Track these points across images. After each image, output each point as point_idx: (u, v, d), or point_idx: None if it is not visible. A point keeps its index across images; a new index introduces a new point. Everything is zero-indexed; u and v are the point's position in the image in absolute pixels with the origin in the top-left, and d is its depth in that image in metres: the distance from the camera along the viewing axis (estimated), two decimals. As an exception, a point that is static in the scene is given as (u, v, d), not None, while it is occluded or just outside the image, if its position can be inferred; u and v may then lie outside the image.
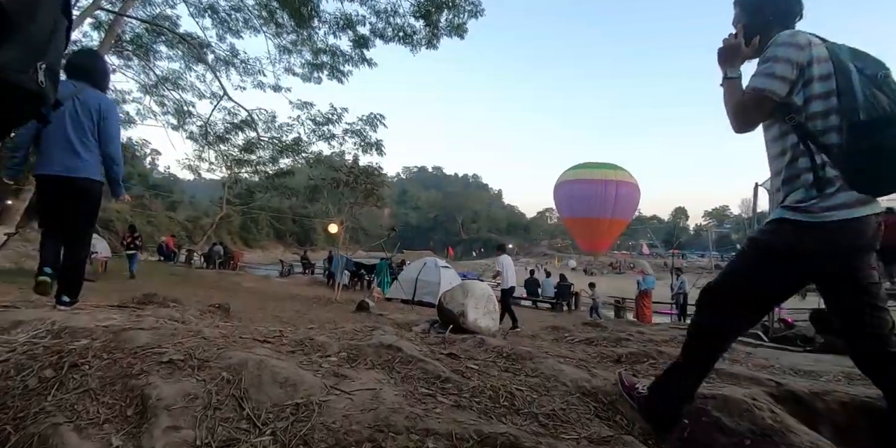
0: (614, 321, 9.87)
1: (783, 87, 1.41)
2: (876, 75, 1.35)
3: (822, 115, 1.40)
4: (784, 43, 1.44)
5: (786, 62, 1.41)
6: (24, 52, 0.76)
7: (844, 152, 1.34)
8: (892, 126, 1.28)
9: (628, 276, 56.37)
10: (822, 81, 1.40)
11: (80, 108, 2.66)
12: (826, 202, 1.37)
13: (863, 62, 1.38)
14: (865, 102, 1.31)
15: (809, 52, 1.42)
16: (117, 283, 9.53)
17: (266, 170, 19.05)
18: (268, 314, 5.96)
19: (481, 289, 5.97)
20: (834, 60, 1.40)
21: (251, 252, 60.27)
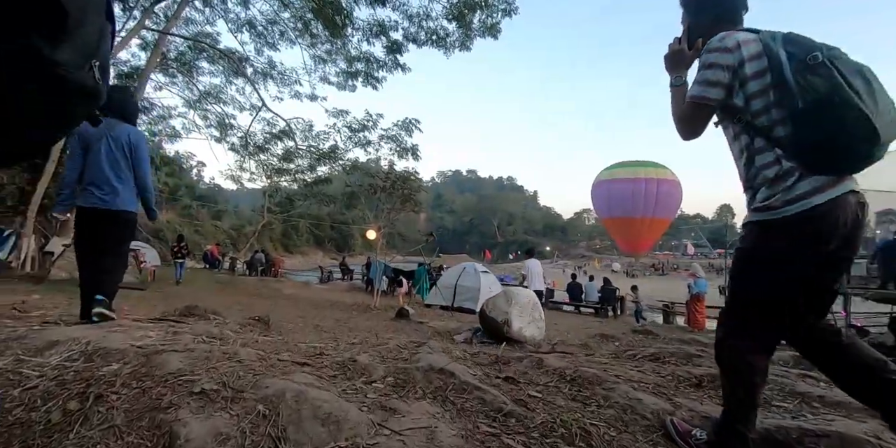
0: (664, 328, 9.36)
1: (719, 92, 1.43)
2: (806, 58, 1.31)
3: (764, 110, 1.40)
4: (714, 49, 1.45)
5: (717, 68, 1.42)
6: (81, 50, 0.79)
7: (794, 142, 1.34)
8: (830, 107, 1.26)
9: (671, 277, 54.55)
10: (757, 79, 1.40)
11: (114, 144, 2.88)
12: (788, 195, 1.35)
13: (796, 47, 1.36)
14: (798, 89, 1.30)
15: (740, 52, 1.41)
16: (165, 290, 9.77)
17: (304, 178, 19.43)
18: (308, 323, 5.89)
19: (526, 296, 5.69)
20: (767, 54, 1.39)
21: (292, 258, 61.66)
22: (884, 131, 1.25)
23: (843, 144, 1.28)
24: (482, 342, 5.67)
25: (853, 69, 1.30)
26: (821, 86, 1.27)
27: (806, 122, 1.30)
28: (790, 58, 1.34)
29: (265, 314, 3.86)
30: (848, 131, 1.26)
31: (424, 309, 10.23)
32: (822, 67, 1.28)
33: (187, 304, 4.20)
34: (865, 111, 1.23)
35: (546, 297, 13.26)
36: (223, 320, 3.59)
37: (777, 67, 1.35)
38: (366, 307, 9.72)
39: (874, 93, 1.28)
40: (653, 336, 6.84)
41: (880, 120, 1.25)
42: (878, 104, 1.27)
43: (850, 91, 1.24)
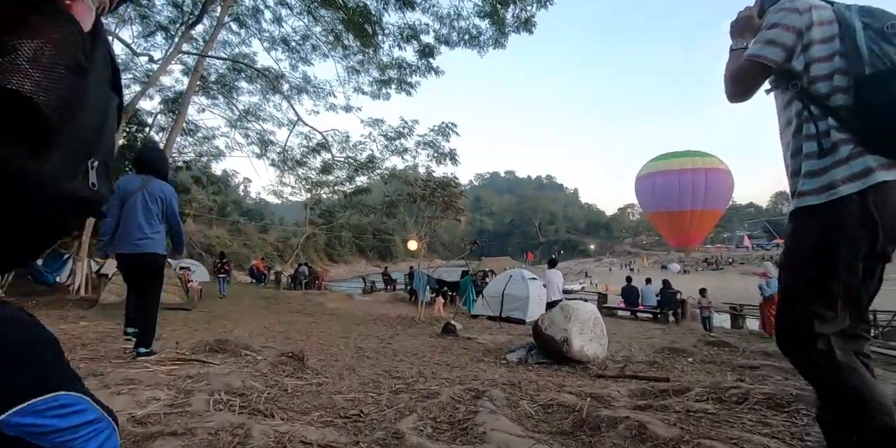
0: (737, 335, 8.50)
1: (779, 53, 1.34)
2: (883, 27, 1.26)
3: (826, 77, 1.31)
4: (782, 8, 1.37)
5: (783, 28, 1.34)
6: (72, 155, 0.67)
7: (854, 112, 1.24)
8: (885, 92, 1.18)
9: (727, 272, 51.61)
10: (825, 44, 1.32)
11: (149, 198, 3.33)
12: (840, 171, 1.24)
13: (871, 17, 1.29)
14: (871, 56, 1.23)
15: (809, 15, 1.33)
16: (210, 308, 9.77)
17: (343, 189, 19.49)
18: (350, 345, 5.55)
19: (587, 311, 5.14)
20: (840, 21, 1.32)
21: (336, 267, 62.84)
22: None
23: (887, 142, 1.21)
24: (539, 363, 5.16)
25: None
26: (894, 55, 1.20)
27: (872, 91, 1.21)
28: (865, 27, 1.27)
29: (299, 349, 3.50)
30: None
31: (471, 321, 9.77)
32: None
33: (218, 338, 3.91)
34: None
35: (599, 303, 12.54)
36: (255, 357, 3.27)
37: (850, 34, 1.28)
38: (410, 320, 9.37)
39: None
40: (730, 348, 6.11)
41: None
42: None
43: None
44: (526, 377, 3.93)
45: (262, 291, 15.35)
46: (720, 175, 61.42)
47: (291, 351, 3.31)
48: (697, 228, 62.21)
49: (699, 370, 4.86)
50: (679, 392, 2.79)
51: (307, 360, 3.32)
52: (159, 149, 3.93)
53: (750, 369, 4.76)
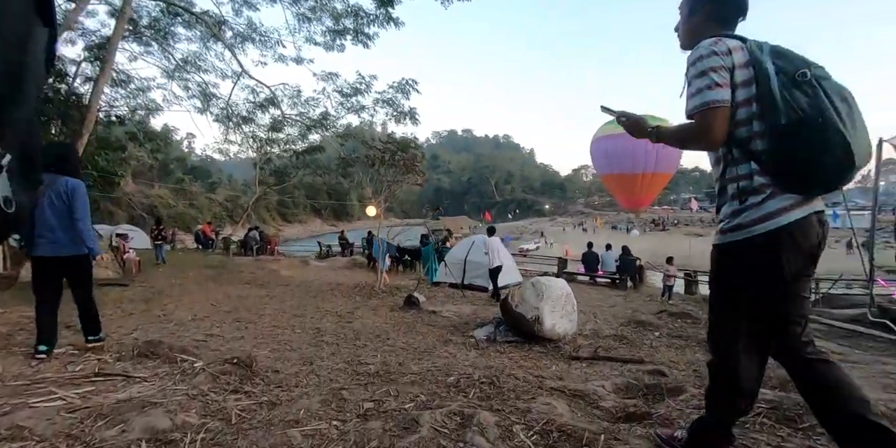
0: (694, 302, 8.70)
1: (727, 92, 1.36)
2: (795, 74, 1.31)
3: (746, 121, 1.38)
4: (709, 53, 1.38)
5: (720, 70, 1.36)
6: None
7: (771, 157, 1.33)
8: (813, 127, 1.25)
9: (672, 233, 54.04)
10: (744, 88, 1.37)
11: (55, 197, 3.19)
12: (758, 212, 1.35)
13: (783, 61, 1.34)
14: (784, 104, 1.29)
15: (731, 58, 1.37)
16: (150, 282, 9.02)
17: (294, 148, 18.31)
18: (307, 328, 5.14)
19: (559, 288, 4.90)
20: (754, 64, 1.36)
21: (290, 227, 61.07)
22: (859, 156, 1.27)
23: (820, 165, 1.28)
24: (508, 341, 4.96)
25: (837, 91, 1.30)
26: (806, 104, 1.26)
27: (787, 139, 1.29)
28: (778, 71, 1.31)
29: (247, 354, 3.00)
30: (827, 153, 1.26)
31: (433, 289, 9.51)
32: (809, 86, 1.27)
33: (148, 340, 3.39)
34: (846, 135, 1.23)
35: (559, 267, 12.59)
36: (193, 364, 2.79)
37: (764, 79, 1.33)
38: (370, 289, 9.00)
39: (854, 117, 1.28)
40: (692, 320, 6.16)
41: (857, 145, 1.25)
42: (857, 129, 1.27)
43: (833, 113, 1.24)
44: (500, 364, 3.69)
45: (209, 259, 14.44)
46: (671, 138, 63.12)
47: (237, 356, 2.85)
48: (647, 191, 63.85)
49: (668, 346, 4.81)
50: (673, 392, 2.58)
51: (256, 364, 2.87)
52: (66, 144, 3.86)
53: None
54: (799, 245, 1.34)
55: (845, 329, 5.47)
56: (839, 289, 10.83)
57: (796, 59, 1.35)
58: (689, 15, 1.58)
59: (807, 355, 1.42)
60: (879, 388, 2.82)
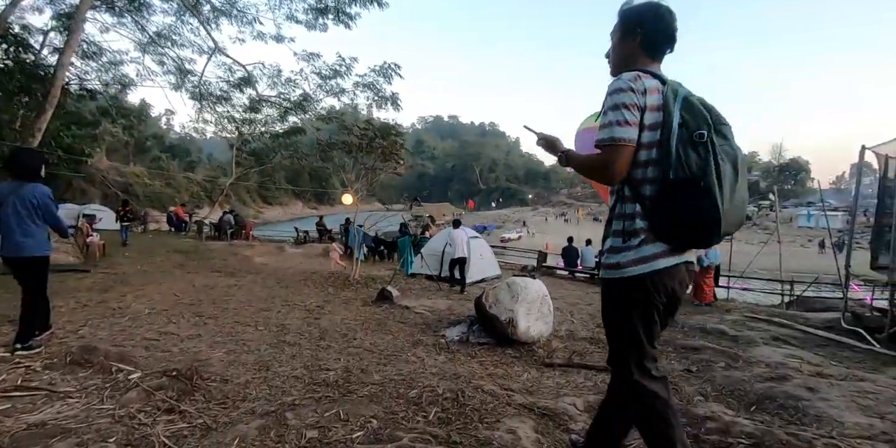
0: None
1: (634, 132, 1.37)
2: (694, 133, 1.33)
3: (643, 164, 1.40)
4: (627, 89, 1.37)
5: (632, 108, 1.36)
6: None
7: (652, 205, 1.38)
8: (693, 190, 1.30)
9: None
10: (650, 131, 1.38)
11: (20, 204, 3.39)
12: (635, 255, 1.40)
13: (691, 115, 1.35)
14: (676, 161, 1.32)
15: (645, 99, 1.37)
16: (114, 268, 8.64)
17: (272, 130, 17.77)
18: (271, 324, 4.89)
19: (535, 290, 4.73)
20: (664, 111, 1.37)
21: (271, 209, 60.03)
22: (726, 225, 1.33)
23: (688, 226, 1.34)
24: (480, 343, 4.80)
25: (731, 157, 1.35)
26: (695, 166, 1.29)
27: (669, 193, 1.33)
28: (681, 124, 1.33)
29: (188, 366, 2.72)
30: (697, 218, 1.32)
31: (408, 281, 9.29)
32: (703, 148, 1.30)
33: (84, 344, 3.11)
34: (718, 204, 1.28)
35: (539, 261, 12.47)
36: (127, 377, 2.54)
37: (667, 129, 1.34)
38: (344, 280, 8.76)
39: (737, 185, 1.35)
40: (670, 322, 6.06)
41: (729, 214, 1.31)
42: (735, 198, 1.34)
43: (715, 180, 1.28)
44: (469, 372, 3.51)
45: (180, 243, 13.95)
46: (655, 132, 63.27)
47: (178, 369, 2.60)
48: (629, 183, 64.85)
49: (644, 351, 4.70)
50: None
51: (197, 377, 2.62)
52: (31, 150, 4.06)
53: (693, 351, 4.66)
54: (668, 288, 1.43)
55: (820, 336, 5.43)
56: (812, 290, 10.97)
57: (700, 117, 1.35)
58: (620, 42, 1.58)
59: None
60: (858, 411, 2.72)
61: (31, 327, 3.37)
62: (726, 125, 1.41)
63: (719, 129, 1.37)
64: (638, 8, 1.55)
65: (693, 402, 3.19)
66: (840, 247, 22.58)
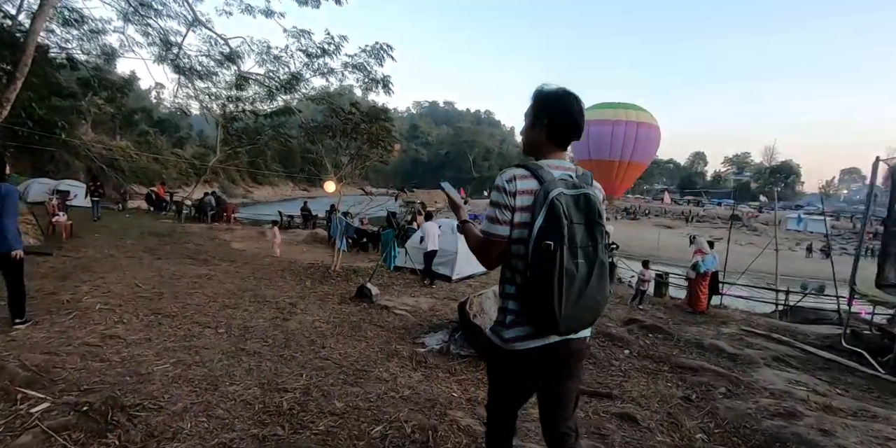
0: (664, 309, 8.34)
1: (505, 229, 1.47)
2: (543, 242, 1.40)
3: (515, 256, 1.48)
4: (501, 189, 1.48)
5: (502, 207, 1.47)
6: None
7: (519, 293, 1.48)
8: (536, 289, 1.39)
9: (642, 222, 54.51)
10: (520, 228, 1.46)
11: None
12: (508, 333, 1.49)
13: (549, 222, 1.40)
14: (532, 262, 1.40)
15: (515, 200, 1.46)
16: (78, 252, 8.13)
17: (261, 108, 17.03)
18: (234, 327, 4.46)
19: None
20: (532, 212, 1.43)
21: (261, 189, 58.90)
22: (569, 323, 1.41)
23: (535, 317, 1.43)
24: (462, 355, 4.42)
25: (589, 260, 1.43)
26: (541, 271, 1.37)
27: (524, 288, 1.44)
28: (540, 229, 1.39)
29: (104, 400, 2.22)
30: (540, 314, 1.40)
31: (391, 275, 8.86)
32: (550, 256, 1.36)
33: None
34: (555, 308, 1.36)
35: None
36: (29, 411, 2.10)
37: (529, 232, 1.42)
38: (324, 271, 8.32)
39: (587, 289, 1.41)
40: (664, 336, 5.74)
41: (571, 314, 1.38)
42: (583, 300, 1.41)
43: (556, 287, 1.35)
44: (445, 398, 3.13)
45: (157, 224, 13.36)
46: (650, 130, 62.72)
47: (90, 403, 2.16)
48: (623, 179, 64.35)
49: (639, 370, 4.36)
50: None
51: (117, 412, 2.19)
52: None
53: (691, 372, 4.33)
54: (542, 363, 1.51)
55: (821, 357, 5.14)
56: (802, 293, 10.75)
57: (556, 225, 1.38)
58: (529, 127, 1.62)
59: None
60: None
61: (17, 306, 3.92)
62: (599, 224, 1.47)
63: (592, 229, 1.45)
64: (547, 96, 1.58)
65: (695, 440, 2.84)
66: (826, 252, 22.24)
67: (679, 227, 51.11)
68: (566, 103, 1.55)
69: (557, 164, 1.54)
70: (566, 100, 1.55)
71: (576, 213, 1.43)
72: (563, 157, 1.61)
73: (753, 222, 52.78)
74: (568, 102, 1.55)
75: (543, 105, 1.57)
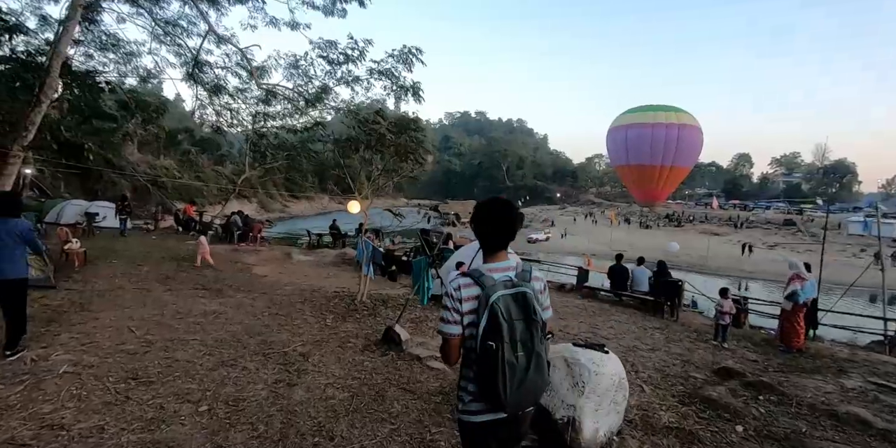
0: (754, 348, 6.92)
1: (456, 328, 1.67)
2: (486, 342, 1.60)
3: (469, 348, 1.70)
4: (450, 295, 1.69)
5: (451, 311, 1.67)
6: None
7: (474, 377, 1.67)
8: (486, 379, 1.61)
9: (686, 230, 51.41)
10: (468, 328, 1.67)
11: (6, 235, 4.00)
12: (468, 407, 1.72)
13: (491, 325, 1.59)
14: (479, 357, 1.63)
15: (462, 305, 1.65)
16: (87, 280, 7.51)
17: (292, 123, 16.50)
18: (220, 402, 3.45)
19: (611, 374, 3.07)
20: (477, 313, 1.63)
21: (298, 204, 59.33)
22: (510, 407, 1.63)
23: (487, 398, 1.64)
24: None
25: (527, 352, 1.62)
26: (488, 363, 1.58)
27: (477, 375, 1.64)
28: (484, 330, 1.59)
29: None
30: (491, 396, 1.62)
31: (423, 308, 7.74)
32: (493, 352, 1.57)
33: None
34: (500, 393, 1.58)
35: (579, 280, 10.75)
36: None
37: (477, 329, 1.62)
38: (349, 304, 7.33)
39: (527, 376, 1.62)
40: (777, 398, 4.40)
41: (515, 396, 1.60)
42: (525, 385, 1.62)
43: (500, 377, 1.57)
44: None
45: (181, 247, 12.75)
46: (692, 132, 60.08)
47: None
48: (665, 184, 61.69)
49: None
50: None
51: None
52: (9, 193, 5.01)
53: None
54: (496, 435, 1.73)
55: None
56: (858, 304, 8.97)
57: (495, 327, 1.58)
58: (475, 232, 1.81)
59: None
60: None
61: (16, 335, 4.11)
62: (535, 321, 1.64)
63: (529, 325, 1.63)
64: (476, 208, 1.81)
65: None
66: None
67: (727, 233, 48.01)
68: (487, 212, 1.75)
69: (497, 266, 1.73)
70: (487, 209, 1.75)
71: (515, 310, 1.63)
72: (503, 257, 1.76)
73: (811, 227, 49.12)
74: (489, 211, 1.75)
75: (473, 217, 1.80)
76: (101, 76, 16.47)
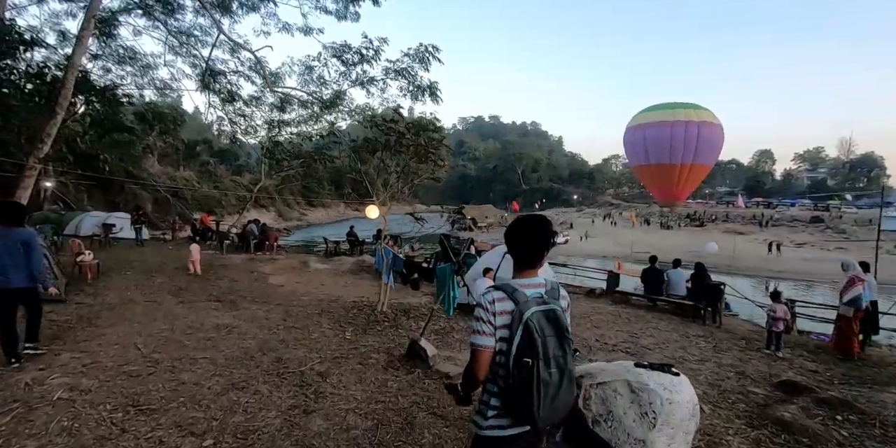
0: (810, 357, 6.31)
1: (489, 340, 1.65)
2: (522, 359, 1.60)
3: (498, 364, 1.66)
4: (484, 308, 1.67)
5: (483, 322, 1.65)
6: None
7: (500, 392, 1.66)
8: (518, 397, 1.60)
9: (709, 229, 49.89)
10: (501, 342, 1.65)
11: (10, 243, 4.05)
12: (486, 421, 1.68)
13: (525, 340, 1.60)
14: (513, 372, 1.60)
15: (495, 319, 1.64)
16: (98, 293, 7.28)
17: (307, 129, 16.32)
18: (227, 433, 3.05)
19: (685, 402, 2.54)
20: (510, 328, 1.63)
21: (314, 211, 59.48)
22: (542, 423, 1.63)
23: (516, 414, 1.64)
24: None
25: (560, 369, 1.63)
26: (523, 379, 1.58)
27: (508, 392, 1.63)
28: (518, 346, 1.59)
29: None
30: (523, 414, 1.62)
31: (448, 318, 7.28)
32: (528, 370, 1.58)
33: None
34: (535, 409, 1.58)
35: (609, 284, 10.18)
36: None
37: (510, 345, 1.62)
38: (369, 314, 6.94)
39: (560, 391, 1.64)
40: (858, 417, 3.84)
41: (548, 411, 1.60)
42: (557, 400, 1.63)
43: (535, 393, 1.57)
44: None
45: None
46: (713, 129, 58.66)
47: None
48: (685, 183, 60.24)
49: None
50: None
51: None
52: (14, 203, 4.79)
53: None
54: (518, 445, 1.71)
55: None
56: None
57: (531, 342, 1.58)
58: (509, 249, 1.82)
59: None
60: None
61: (33, 334, 4.39)
62: (567, 338, 1.67)
63: (562, 341, 1.65)
64: (510, 226, 1.83)
65: None
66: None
67: (752, 232, 46.39)
68: (521, 230, 1.78)
69: (528, 282, 1.72)
70: (522, 226, 1.79)
71: (547, 327, 1.63)
72: (534, 274, 1.76)
73: (840, 224, 47.40)
74: (523, 229, 1.78)
75: (508, 233, 1.80)
76: (119, 89, 16.55)
